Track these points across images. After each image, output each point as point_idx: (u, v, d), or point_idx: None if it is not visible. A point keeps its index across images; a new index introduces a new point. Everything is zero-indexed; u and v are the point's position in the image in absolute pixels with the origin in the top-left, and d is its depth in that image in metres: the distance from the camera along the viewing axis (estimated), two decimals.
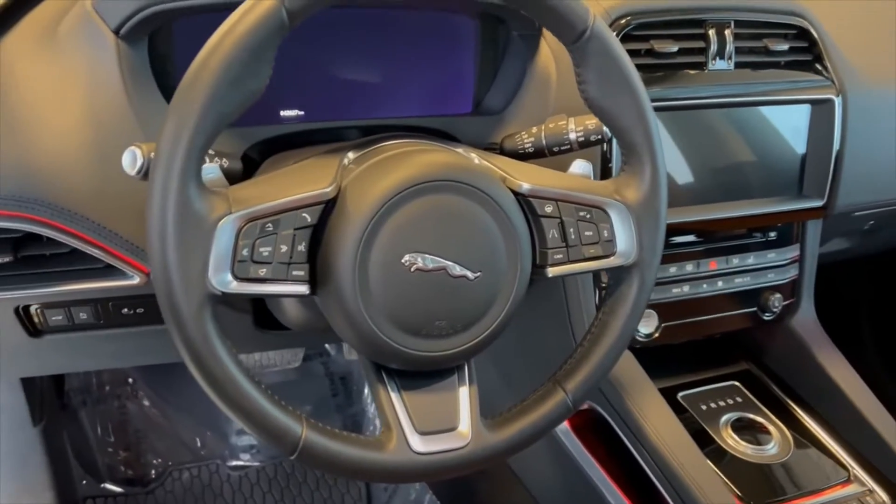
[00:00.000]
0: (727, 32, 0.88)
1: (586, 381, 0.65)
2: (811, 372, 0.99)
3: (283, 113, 0.78)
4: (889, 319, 1.67)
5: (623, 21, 0.83)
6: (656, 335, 0.93)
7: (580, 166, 0.70)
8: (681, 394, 0.98)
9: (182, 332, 0.52)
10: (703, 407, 0.97)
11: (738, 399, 0.99)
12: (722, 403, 0.98)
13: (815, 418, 0.97)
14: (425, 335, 0.59)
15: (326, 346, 1.54)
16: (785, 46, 0.92)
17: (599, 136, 0.74)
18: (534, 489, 1.00)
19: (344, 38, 0.79)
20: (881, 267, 1.60)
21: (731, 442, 0.93)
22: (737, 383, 1.02)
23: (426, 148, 0.63)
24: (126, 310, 0.77)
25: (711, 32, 0.87)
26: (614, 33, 0.81)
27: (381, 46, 0.81)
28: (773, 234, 0.99)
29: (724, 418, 0.95)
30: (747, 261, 0.97)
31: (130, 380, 1.44)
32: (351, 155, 0.63)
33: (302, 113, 0.79)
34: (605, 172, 0.83)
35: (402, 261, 0.57)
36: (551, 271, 0.64)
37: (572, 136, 0.74)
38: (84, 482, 1.35)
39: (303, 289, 0.56)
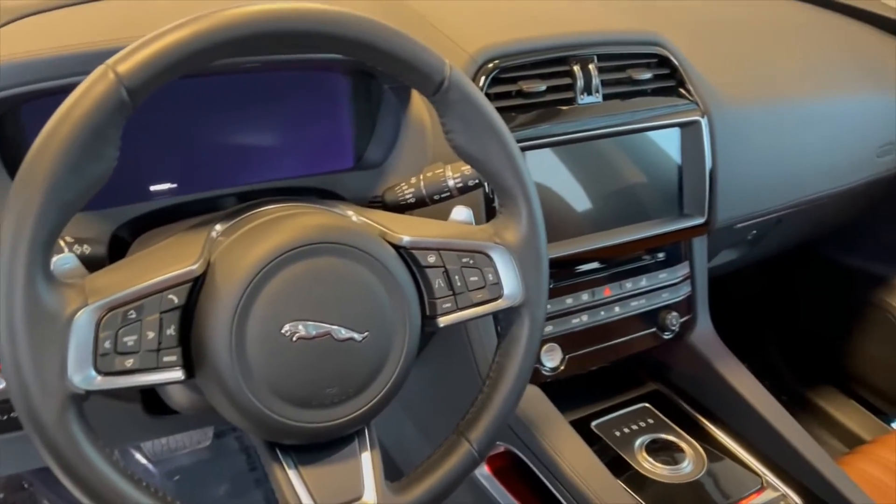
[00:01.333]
0: (591, 67, 0.91)
1: (489, 429, 0.64)
2: (715, 385, 1.02)
3: (153, 188, 0.75)
4: (785, 319, 1.75)
5: (490, 65, 0.84)
6: (562, 367, 0.93)
7: (461, 213, 0.70)
8: (594, 423, 0.99)
9: (44, 438, 0.48)
10: (617, 433, 0.97)
11: (650, 420, 1.00)
12: (635, 427, 0.99)
13: (725, 430, 0.99)
14: (317, 405, 0.57)
15: None
16: (648, 75, 0.96)
17: (477, 181, 0.74)
18: None
19: (212, 104, 0.77)
20: (771, 270, 1.68)
21: (648, 465, 0.93)
22: (647, 405, 1.03)
23: (298, 211, 0.62)
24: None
25: (576, 68, 0.90)
26: (481, 78, 0.83)
27: (254, 109, 0.79)
28: (661, 255, 1.02)
29: (638, 442, 0.96)
30: (640, 283, 0.99)
31: (26, 484, 1.34)
32: (219, 227, 0.61)
33: (175, 186, 0.76)
34: (489, 213, 0.84)
35: (283, 331, 0.55)
36: (442, 321, 0.63)
37: (451, 182, 0.74)
38: None
39: (177, 374, 0.53)
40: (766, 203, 1.14)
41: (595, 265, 0.96)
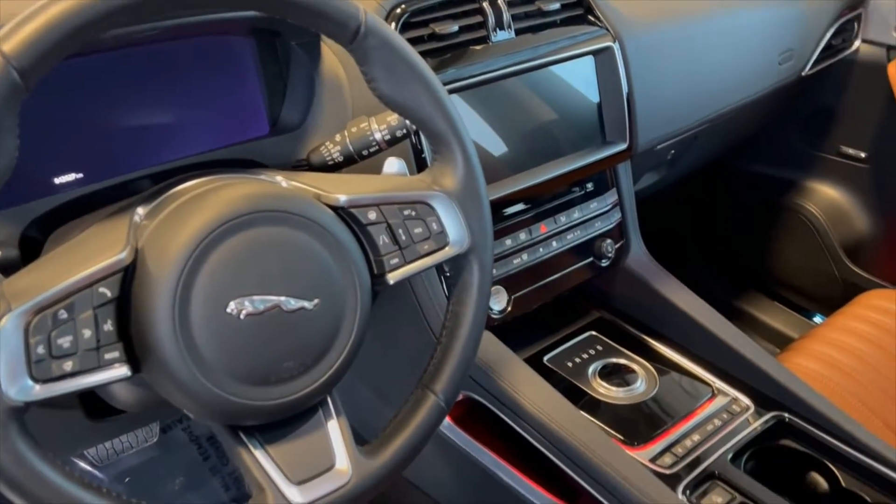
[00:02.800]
0: (500, 2, 0.89)
1: (453, 378, 0.64)
2: (656, 304, 1.04)
3: (57, 180, 0.69)
4: (706, 233, 1.82)
5: (398, 10, 0.82)
6: (509, 309, 0.93)
7: (393, 165, 0.68)
8: (546, 357, 1.00)
9: None
10: (570, 364, 0.99)
11: (599, 347, 1.02)
12: (585, 356, 1.00)
13: (671, 346, 1.02)
14: (276, 381, 0.54)
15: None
16: (557, 5, 0.95)
17: (404, 131, 0.72)
18: (433, 492, 0.98)
19: (111, 83, 0.71)
20: (689, 188, 1.73)
21: (603, 391, 0.95)
22: (594, 333, 1.05)
23: (223, 183, 0.58)
24: None
25: (486, 5, 0.88)
26: (391, 24, 0.80)
27: (155, 84, 0.74)
28: (590, 186, 1.03)
29: (590, 370, 0.98)
30: (573, 216, 1.00)
31: None
32: (141, 210, 0.57)
33: (81, 175, 0.71)
34: (420, 164, 0.82)
35: (228, 310, 0.52)
36: (391, 277, 0.61)
37: (377, 135, 0.71)
38: None
39: (122, 371, 0.50)
40: (683, 121, 1.16)
41: (528, 204, 0.95)
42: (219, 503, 1.44)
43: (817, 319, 1.69)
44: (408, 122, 0.71)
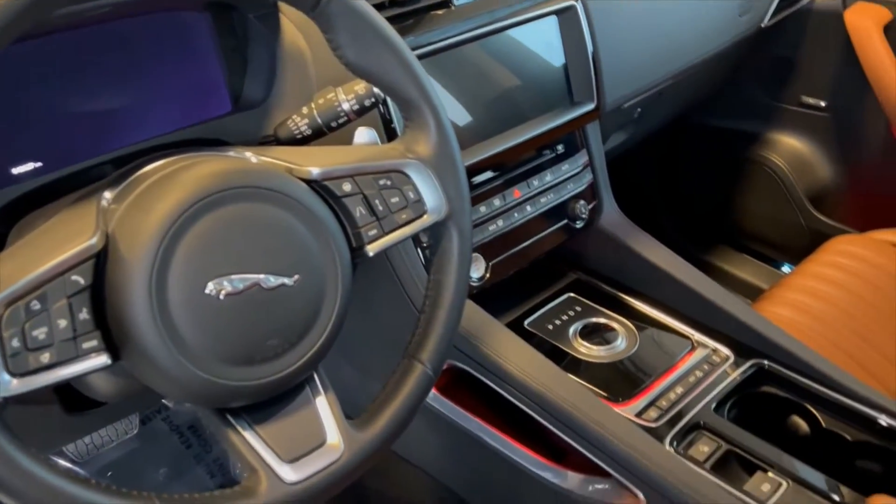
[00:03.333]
0: None
1: (439, 346, 0.63)
2: (631, 261, 1.05)
3: (15, 171, 0.67)
4: (673, 190, 1.83)
5: None
6: (487, 275, 0.93)
7: (364, 135, 0.67)
8: (526, 322, 1.00)
9: None
10: (550, 327, 0.99)
11: (578, 308, 1.02)
12: (565, 318, 1.01)
13: (648, 302, 1.03)
14: (261, 360, 0.53)
15: (164, 401, 1.41)
16: None
17: (373, 100, 0.71)
18: (422, 463, 0.98)
19: (64, 66, 0.69)
20: (655, 146, 1.74)
21: (585, 350, 0.96)
22: (572, 294, 1.05)
23: (191, 161, 0.57)
24: None
25: None
26: None
27: (110, 65, 0.72)
28: (560, 148, 1.02)
29: (571, 331, 0.98)
30: (546, 179, 1.00)
31: None
32: (108, 194, 0.55)
33: (40, 164, 0.68)
34: (390, 134, 0.80)
35: (207, 291, 0.50)
36: (371, 248, 0.60)
37: (345, 106, 0.70)
38: None
39: (102, 360, 0.48)
40: (648, 78, 1.16)
41: (500, 170, 0.95)
42: (205, 490, 1.43)
43: (785, 269, 1.72)
44: (376, 90, 0.70)
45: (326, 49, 0.60)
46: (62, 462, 1.30)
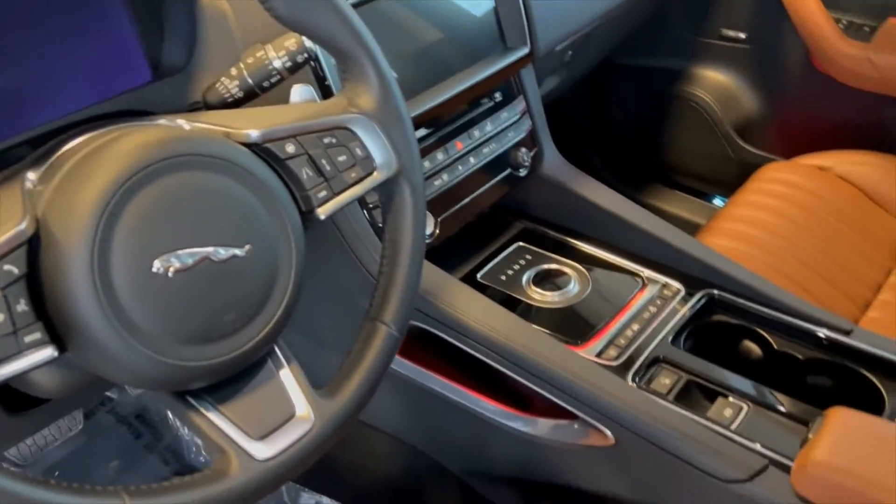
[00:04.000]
0: None
1: (402, 305, 0.61)
2: (577, 205, 1.05)
3: None
4: (604, 132, 1.84)
5: None
6: (437, 232, 0.91)
7: (300, 92, 0.64)
8: (479, 275, 0.99)
9: None
10: (503, 277, 0.99)
11: (529, 257, 1.02)
12: (516, 267, 1.00)
13: (596, 244, 1.04)
14: (219, 337, 0.51)
15: (106, 392, 1.35)
16: None
17: (306, 55, 0.67)
18: (389, 428, 0.97)
19: None
20: (585, 89, 1.74)
21: (538, 297, 0.96)
22: (521, 243, 1.05)
23: (119, 133, 0.53)
24: None
25: None
26: None
27: (14, 38, 0.66)
28: (498, 96, 1.00)
29: (524, 279, 0.98)
30: (486, 129, 0.98)
31: None
32: (32, 176, 0.51)
33: None
34: (325, 92, 0.77)
35: (154, 270, 0.47)
36: (321, 212, 0.58)
37: (277, 63, 0.66)
38: None
39: (48, 352, 0.45)
40: (578, 19, 1.15)
41: (440, 123, 0.93)
42: (160, 478, 1.39)
43: (716, 202, 1.76)
44: (308, 44, 0.66)
45: (249, 4, 0.56)
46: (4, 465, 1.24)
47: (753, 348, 0.91)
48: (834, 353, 0.86)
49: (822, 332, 0.87)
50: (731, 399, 0.81)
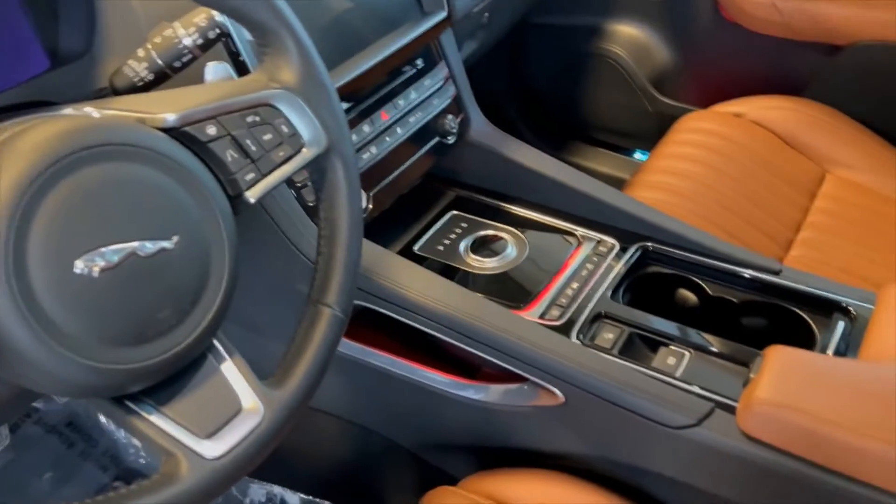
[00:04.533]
0: None
1: (344, 285, 0.60)
2: (507, 169, 1.04)
3: None
4: (524, 93, 1.84)
5: None
6: (370, 206, 0.89)
7: (217, 70, 0.61)
8: (415, 247, 0.98)
9: None
10: (440, 248, 0.98)
11: (464, 225, 1.01)
12: (453, 236, 0.99)
13: (529, 207, 1.04)
14: (154, 336, 0.48)
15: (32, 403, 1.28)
16: None
17: (218, 30, 0.63)
18: (337, 410, 0.96)
19: None
20: (502, 52, 1.73)
21: (477, 264, 0.95)
22: (455, 212, 1.04)
23: (23, 127, 0.48)
24: None
25: None
26: None
27: None
28: (419, 63, 0.98)
29: (461, 248, 0.97)
30: (411, 97, 0.96)
31: None
32: None
33: None
34: (241, 69, 0.73)
35: (77, 271, 0.44)
36: (251, 194, 0.55)
37: (187, 41, 0.62)
38: None
39: None
40: None
41: (364, 94, 0.90)
42: (100, 486, 1.34)
43: (638, 156, 1.79)
44: (219, 18, 0.63)
45: None
46: None
47: (689, 296, 0.93)
48: (765, 293, 0.89)
49: (753, 275, 0.90)
50: (672, 347, 0.82)
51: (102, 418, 1.34)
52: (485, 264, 0.95)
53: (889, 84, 1.39)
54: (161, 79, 0.63)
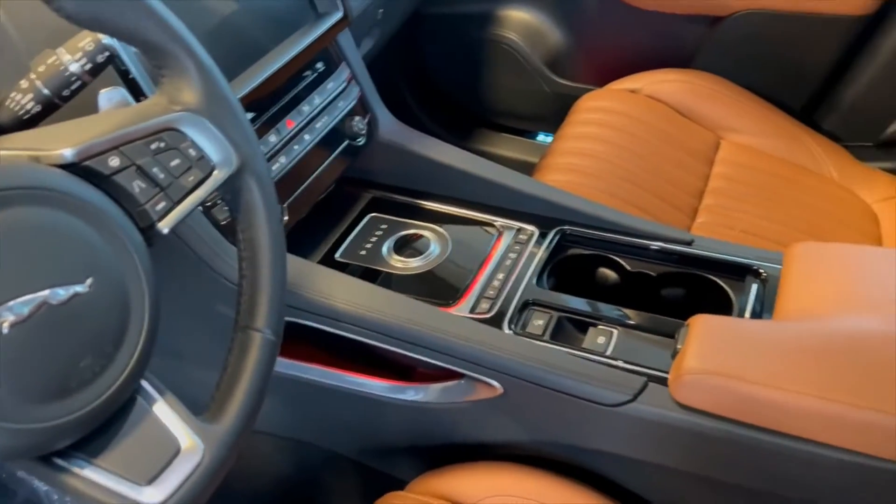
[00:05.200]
0: None
1: (272, 306, 0.58)
2: (419, 166, 1.04)
3: None
4: (423, 85, 1.84)
5: None
6: (286, 218, 0.87)
7: (109, 97, 0.57)
8: (337, 254, 0.96)
9: None
10: (362, 252, 0.96)
11: (384, 226, 1.00)
12: (374, 239, 0.98)
13: (446, 202, 1.04)
14: (78, 386, 0.45)
15: None
16: None
17: (107, 53, 0.60)
18: (274, 429, 0.93)
19: None
20: (398, 46, 1.72)
21: (401, 265, 0.95)
22: (373, 214, 1.02)
23: None
24: None
25: None
26: None
27: None
28: (320, 66, 0.96)
29: (384, 250, 0.96)
30: (315, 102, 0.94)
31: None
32: None
33: None
34: (136, 92, 0.70)
35: None
36: (163, 225, 0.53)
37: (73, 67, 0.59)
38: None
39: None
40: None
41: (265, 104, 0.87)
42: None
43: (542, 138, 1.82)
44: (106, 40, 0.59)
45: (29, 7, 0.49)
46: None
47: (610, 274, 0.95)
48: (681, 264, 0.92)
49: (668, 247, 0.93)
50: (601, 327, 0.84)
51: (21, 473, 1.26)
52: (409, 264, 0.95)
53: (768, 50, 1.46)
54: (50, 109, 0.59)
